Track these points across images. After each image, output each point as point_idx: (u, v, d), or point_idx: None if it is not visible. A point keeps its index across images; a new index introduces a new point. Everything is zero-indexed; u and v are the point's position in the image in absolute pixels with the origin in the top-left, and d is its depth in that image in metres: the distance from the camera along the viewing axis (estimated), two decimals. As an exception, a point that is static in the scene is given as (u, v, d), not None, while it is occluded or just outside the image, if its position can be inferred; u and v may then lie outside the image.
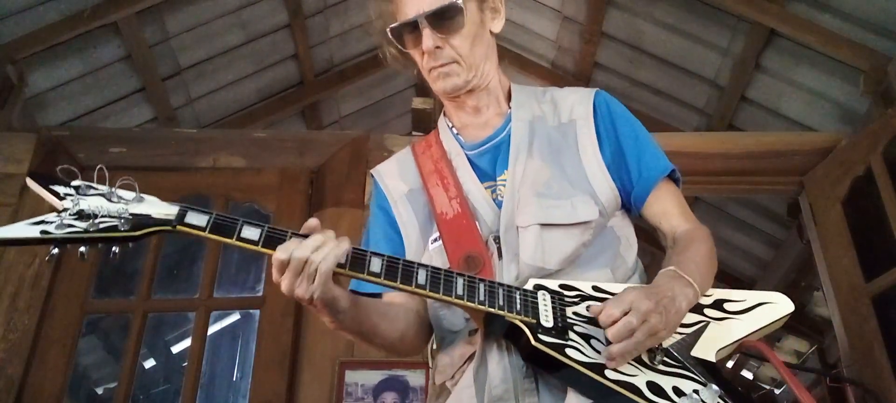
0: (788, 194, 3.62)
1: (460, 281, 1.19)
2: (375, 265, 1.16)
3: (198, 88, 4.36)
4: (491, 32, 1.47)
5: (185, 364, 3.01)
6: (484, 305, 1.18)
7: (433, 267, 1.20)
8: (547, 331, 1.17)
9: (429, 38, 1.37)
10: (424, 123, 3.57)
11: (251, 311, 3.46)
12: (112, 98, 4.04)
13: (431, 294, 1.18)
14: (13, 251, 2.98)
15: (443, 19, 1.37)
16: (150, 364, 5.77)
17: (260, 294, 3.11)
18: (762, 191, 3.83)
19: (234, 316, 5.41)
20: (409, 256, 1.40)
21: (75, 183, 1.13)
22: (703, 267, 1.30)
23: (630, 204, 1.42)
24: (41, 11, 3.53)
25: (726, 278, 5.25)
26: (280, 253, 1.11)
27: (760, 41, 3.77)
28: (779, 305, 1.33)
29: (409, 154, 1.54)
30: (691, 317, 1.26)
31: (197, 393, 2.92)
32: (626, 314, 1.13)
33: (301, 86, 4.87)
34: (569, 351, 1.15)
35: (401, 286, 1.17)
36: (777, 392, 6.88)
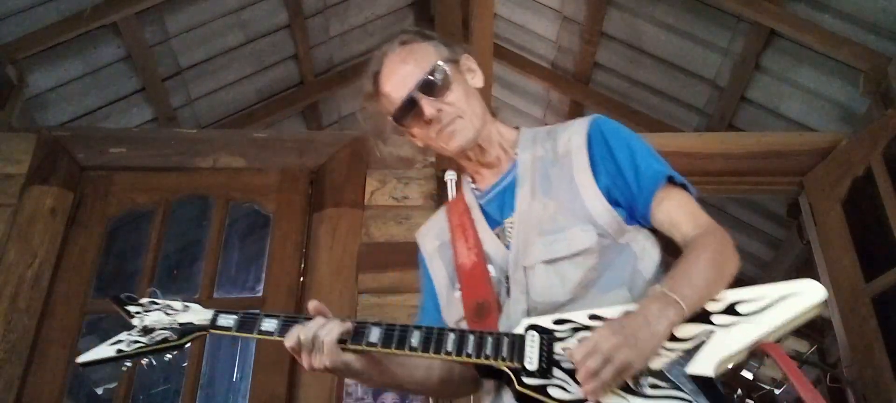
0: (788, 194, 3.61)
1: (451, 337, 1.28)
2: (374, 335, 1.32)
3: (198, 88, 4.36)
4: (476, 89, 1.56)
5: (186, 364, 3.00)
6: (471, 357, 1.26)
7: (426, 328, 1.30)
8: (530, 374, 1.23)
9: (428, 105, 1.44)
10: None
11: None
12: (112, 98, 4.04)
13: (423, 355, 1.29)
14: (13, 251, 2.97)
15: (433, 85, 1.45)
16: (149, 364, 5.75)
17: (260, 294, 3.10)
18: (762, 192, 3.82)
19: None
20: (441, 307, 1.53)
21: (143, 300, 1.45)
22: (700, 278, 1.26)
23: (640, 219, 1.41)
24: (41, 11, 3.52)
25: (726, 278, 5.23)
26: (287, 341, 1.33)
27: (760, 41, 3.77)
28: (805, 295, 1.23)
29: (444, 212, 1.64)
30: (692, 330, 1.23)
31: (197, 394, 2.91)
32: (589, 356, 1.16)
33: (301, 86, 4.86)
34: (551, 390, 1.21)
35: (396, 351, 1.30)
36: (777, 392, 6.87)
